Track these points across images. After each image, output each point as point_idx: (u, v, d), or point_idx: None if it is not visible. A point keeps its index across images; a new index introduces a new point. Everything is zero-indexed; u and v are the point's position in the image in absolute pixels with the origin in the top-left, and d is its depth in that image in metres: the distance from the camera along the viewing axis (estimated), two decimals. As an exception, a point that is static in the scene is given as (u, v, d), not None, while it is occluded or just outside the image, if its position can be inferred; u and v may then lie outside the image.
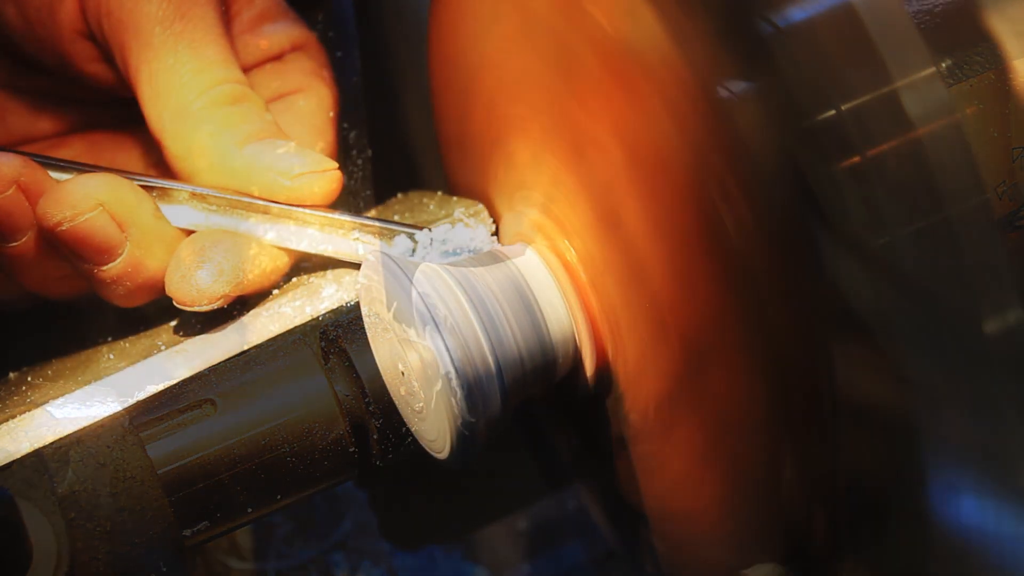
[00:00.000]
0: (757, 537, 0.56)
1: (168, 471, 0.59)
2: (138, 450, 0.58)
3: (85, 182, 0.63)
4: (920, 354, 0.49)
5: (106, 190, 0.63)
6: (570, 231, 0.60)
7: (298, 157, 0.65)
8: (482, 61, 0.65)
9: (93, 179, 0.63)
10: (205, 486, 0.59)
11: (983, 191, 0.49)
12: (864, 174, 0.49)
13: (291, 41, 0.74)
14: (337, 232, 0.66)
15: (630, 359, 0.59)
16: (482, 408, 0.57)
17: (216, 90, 0.65)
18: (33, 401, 0.62)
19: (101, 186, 0.63)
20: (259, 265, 0.65)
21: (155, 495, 0.58)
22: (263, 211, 0.65)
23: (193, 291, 0.62)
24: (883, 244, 0.49)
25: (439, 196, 0.73)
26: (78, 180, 0.63)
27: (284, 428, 0.60)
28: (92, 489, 0.57)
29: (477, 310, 0.58)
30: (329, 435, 0.61)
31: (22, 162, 0.64)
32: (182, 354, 0.63)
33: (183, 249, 0.64)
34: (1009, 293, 0.50)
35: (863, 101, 0.49)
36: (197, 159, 0.65)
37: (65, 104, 0.75)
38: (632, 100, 0.53)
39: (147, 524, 0.57)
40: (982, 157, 0.49)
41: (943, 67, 0.49)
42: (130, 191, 0.64)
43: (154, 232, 0.65)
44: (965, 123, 0.49)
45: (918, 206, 0.49)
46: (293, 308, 0.64)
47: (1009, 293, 0.50)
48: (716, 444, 0.56)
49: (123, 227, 0.63)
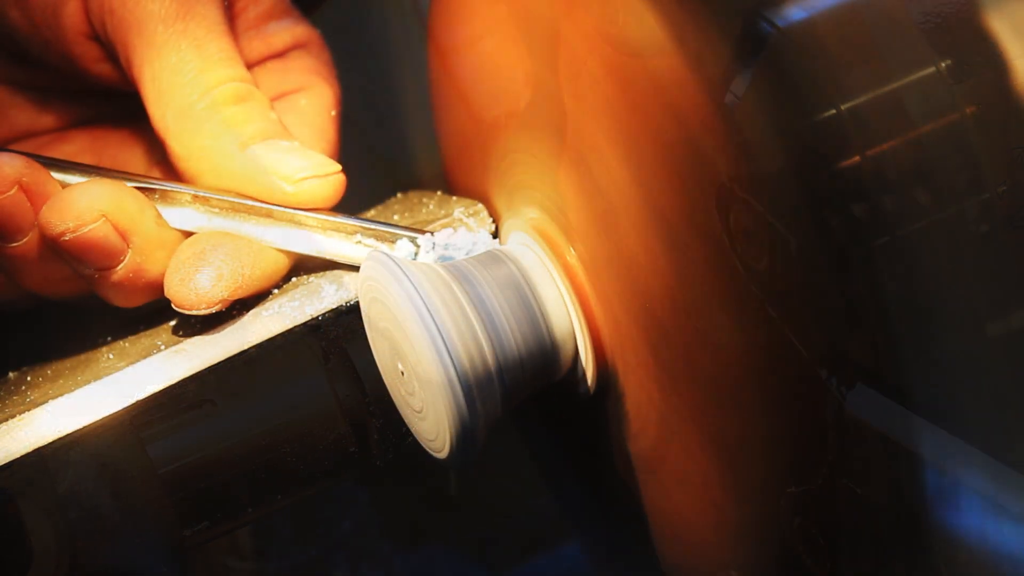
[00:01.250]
0: (756, 539, 0.56)
1: (168, 471, 0.59)
2: (138, 450, 0.58)
3: (88, 191, 0.63)
4: (920, 355, 0.49)
5: (108, 200, 0.63)
6: (570, 231, 0.60)
7: (301, 159, 0.65)
8: (482, 61, 0.65)
9: (95, 188, 0.63)
10: (205, 486, 0.59)
11: (983, 191, 0.49)
12: (864, 174, 0.49)
13: (294, 39, 0.74)
14: (339, 235, 0.66)
15: (629, 359, 0.59)
16: (482, 408, 0.57)
17: (220, 89, 0.65)
18: (33, 401, 0.62)
19: (103, 196, 0.63)
20: (259, 267, 0.64)
21: (155, 495, 0.58)
22: (266, 214, 0.65)
23: (192, 295, 0.62)
24: (883, 244, 0.49)
25: (439, 196, 0.73)
26: (81, 189, 0.63)
27: (284, 428, 0.60)
28: (92, 489, 0.57)
29: (477, 310, 0.58)
30: (329, 435, 0.61)
31: (24, 162, 0.64)
32: (182, 354, 0.63)
33: (182, 252, 0.64)
34: (1010, 294, 0.50)
35: (863, 101, 0.49)
36: (200, 160, 0.65)
37: (68, 99, 0.75)
38: (632, 100, 0.53)
39: (147, 524, 0.57)
40: (982, 157, 0.49)
41: (943, 67, 0.49)
42: (132, 199, 0.64)
43: (156, 238, 0.65)
44: (965, 123, 0.49)
45: (918, 206, 0.49)
46: (293, 308, 0.64)
47: (1010, 294, 0.50)
48: (717, 445, 0.56)
49: (125, 235, 0.63)
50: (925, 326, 0.49)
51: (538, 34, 0.58)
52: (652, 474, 0.61)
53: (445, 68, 0.70)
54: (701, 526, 0.60)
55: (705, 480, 0.57)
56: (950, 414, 0.50)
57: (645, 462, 0.61)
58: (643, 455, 0.61)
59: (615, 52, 0.53)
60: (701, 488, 0.58)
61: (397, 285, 0.57)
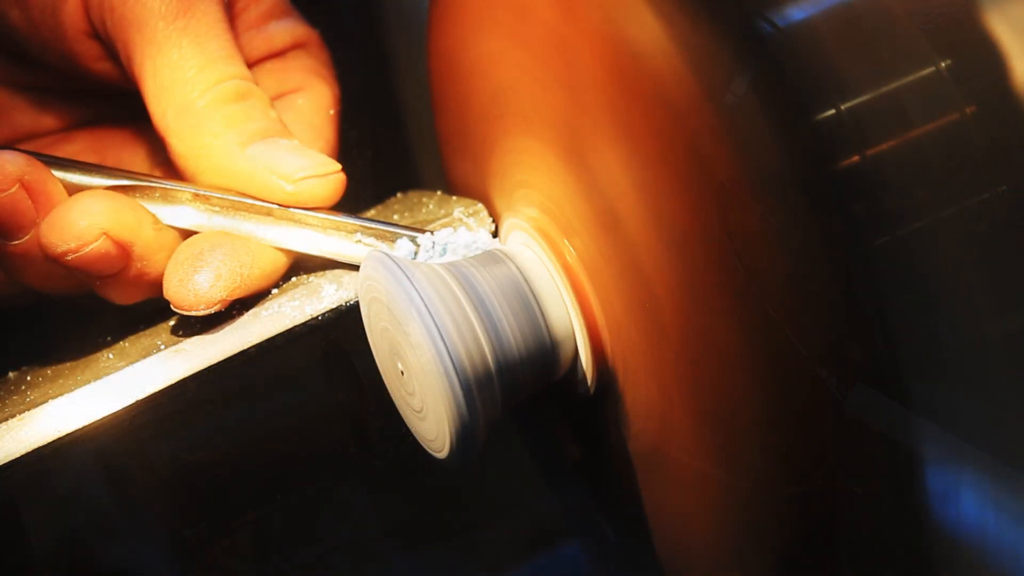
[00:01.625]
0: (756, 539, 0.56)
1: (168, 471, 0.59)
2: (138, 450, 0.58)
3: (86, 211, 0.63)
4: (921, 354, 0.49)
5: (108, 216, 0.63)
6: (570, 231, 0.60)
7: (301, 158, 0.65)
8: (481, 60, 0.65)
9: (94, 205, 0.63)
10: (205, 486, 0.59)
11: (983, 191, 0.49)
12: (864, 174, 0.49)
13: (294, 39, 0.74)
14: (339, 235, 0.66)
15: (629, 359, 0.58)
16: (482, 408, 0.57)
17: (220, 87, 0.65)
18: (33, 401, 0.62)
19: (103, 213, 0.63)
20: (258, 267, 0.64)
21: (155, 496, 0.58)
22: (266, 212, 0.65)
23: (191, 296, 0.62)
24: (883, 243, 0.49)
25: (439, 196, 0.73)
26: (79, 208, 0.63)
27: (284, 428, 0.60)
28: (92, 489, 0.57)
29: (477, 310, 0.58)
30: (329, 435, 0.61)
31: (26, 160, 0.64)
32: (182, 354, 0.63)
33: (180, 254, 0.64)
34: (1010, 293, 0.50)
35: (863, 101, 0.49)
36: (200, 159, 0.65)
37: (70, 100, 0.75)
38: (632, 100, 0.53)
39: (147, 524, 0.57)
40: (982, 157, 0.49)
41: (943, 67, 0.49)
42: (129, 211, 0.64)
43: (156, 243, 0.65)
44: (965, 123, 0.49)
45: (918, 206, 0.49)
46: (293, 308, 0.64)
47: (1010, 293, 0.50)
48: (716, 445, 0.56)
49: (126, 247, 0.64)
50: (925, 326, 0.49)
51: (538, 34, 0.58)
52: (652, 474, 0.61)
53: (445, 68, 0.70)
54: (701, 526, 0.60)
55: (705, 480, 0.57)
56: (950, 414, 0.50)
57: (645, 462, 0.61)
58: (643, 455, 0.61)
59: (615, 52, 0.53)
60: (701, 488, 0.58)
61: (397, 285, 0.57)
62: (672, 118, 0.51)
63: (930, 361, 0.49)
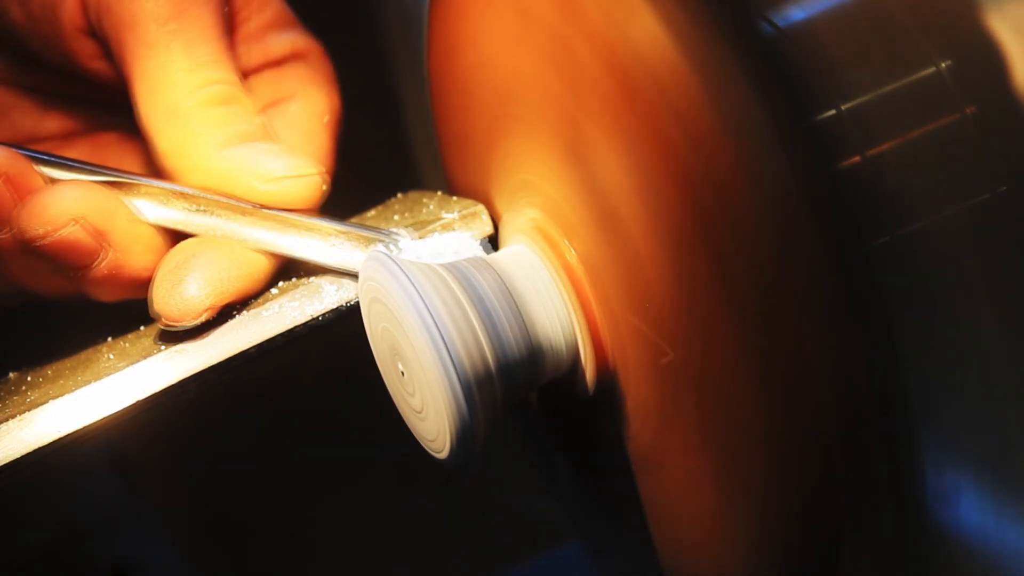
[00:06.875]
0: (756, 539, 0.56)
1: (169, 468, 0.58)
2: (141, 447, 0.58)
3: (60, 197, 0.63)
4: (921, 354, 0.49)
5: (81, 204, 0.63)
6: (570, 231, 0.60)
7: (279, 160, 0.66)
8: (481, 60, 0.65)
9: (68, 192, 0.63)
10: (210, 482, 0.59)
11: (983, 191, 0.49)
12: (864, 174, 0.49)
13: (293, 49, 0.75)
14: (316, 238, 0.66)
15: (630, 360, 0.59)
16: (482, 408, 0.57)
17: (206, 90, 0.66)
18: (33, 401, 0.62)
19: (76, 200, 0.63)
20: (241, 270, 0.65)
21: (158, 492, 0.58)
22: (247, 213, 0.66)
23: (176, 309, 0.62)
24: (883, 243, 0.49)
25: (439, 196, 0.73)
26: (53, 194, 0.63)
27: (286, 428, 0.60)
28: (93, 488, 0.57)
29: (477, 310, 0.58)
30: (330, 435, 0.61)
31: (6, 154, 0.64)
32: (182, 354, 0.63)
33: (160, 270, 0.64)
34: (1010, 293, 0.50)
35: (863, 101, 0.49)
36: (181, 158, 0.66)
37: (73, 105, 0.75)
38: (632, 100, 0.53)
39: (150, 522, 0.57)
40: (982, 157, 0.49)
41: (943, 67, 0.49)
42: (104, 199, 0.64)
43: (131, 235, 0.65)
44: (965, 123, 0.49)
45: (918, 206, 0.49)
46: (293, 308, 0.64)
47: (1010, 293, 0.50)
48: (716, 446, 0.56)
49: (100, 236, 0.64)
50: (925, 325, 0.49)
51: (538, 34, 0.58)
52: (652, 474, 0.61)
53: (445, 68, 0.70)
54: (701, 526, 0.60)
55: (705, 480, 0.57)
56: (950, 414, 0.50)
57: (645, 462, 0.61)
58: (643, 455, 0.61)
59: (616, 52, 0.53)
60: (701, 488, 0.58)
61: (397, 285, 0.57)
62: (672, 118, 0.51)
63: (930, 361, 0.50)
